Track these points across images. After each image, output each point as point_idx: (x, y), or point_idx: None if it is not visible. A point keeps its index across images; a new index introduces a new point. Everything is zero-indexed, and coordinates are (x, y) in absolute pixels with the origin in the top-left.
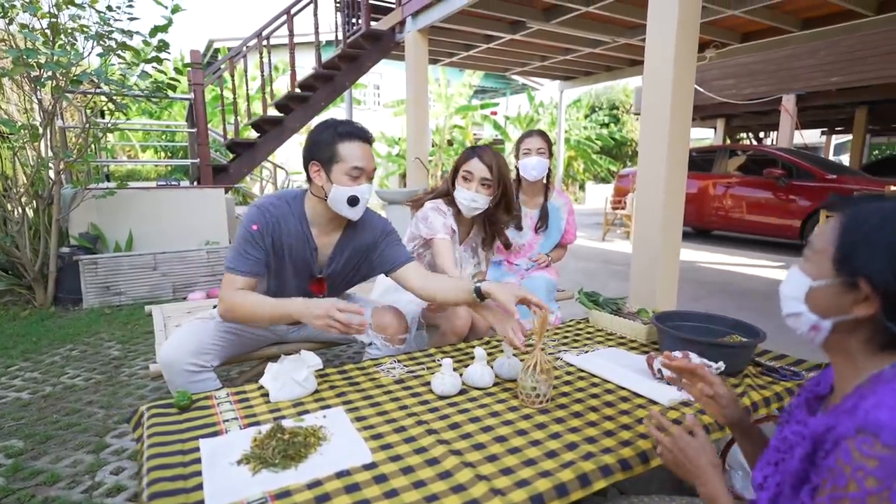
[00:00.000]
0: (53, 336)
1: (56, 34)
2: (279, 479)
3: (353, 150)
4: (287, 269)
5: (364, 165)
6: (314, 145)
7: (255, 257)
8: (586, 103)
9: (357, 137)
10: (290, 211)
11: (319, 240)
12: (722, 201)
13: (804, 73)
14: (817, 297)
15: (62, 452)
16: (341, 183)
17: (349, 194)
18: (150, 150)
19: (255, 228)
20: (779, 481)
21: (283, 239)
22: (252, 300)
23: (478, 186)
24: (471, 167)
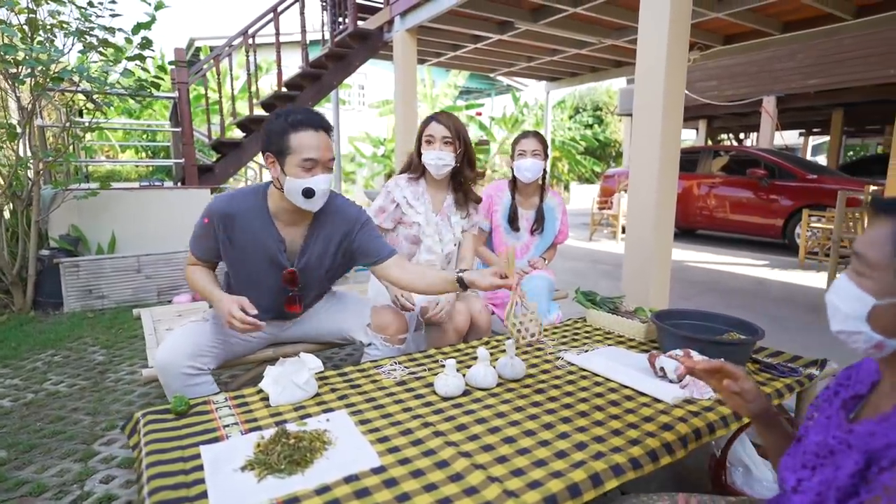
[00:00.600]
0: (34, 341)
1: (34, 30)
2: (286, 485)
3: (305, 140)
4: (253, 262)
5: (318, 156)
6: (267, 136)
7: (204, 246)
8: (570, 104)
9: (310, 126)
10: (253, 205)
11: (286, 232)
12: (706, 201)
13: (784, 75)
14: (884, 316)
15: (48, 461)
16: (295, 175)
17: (304, 186)
18: (131, 150)
19: (206, 222)
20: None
21: (240, 234)
22: (195, 277)
23: (441, 146)
24: (431, 130)
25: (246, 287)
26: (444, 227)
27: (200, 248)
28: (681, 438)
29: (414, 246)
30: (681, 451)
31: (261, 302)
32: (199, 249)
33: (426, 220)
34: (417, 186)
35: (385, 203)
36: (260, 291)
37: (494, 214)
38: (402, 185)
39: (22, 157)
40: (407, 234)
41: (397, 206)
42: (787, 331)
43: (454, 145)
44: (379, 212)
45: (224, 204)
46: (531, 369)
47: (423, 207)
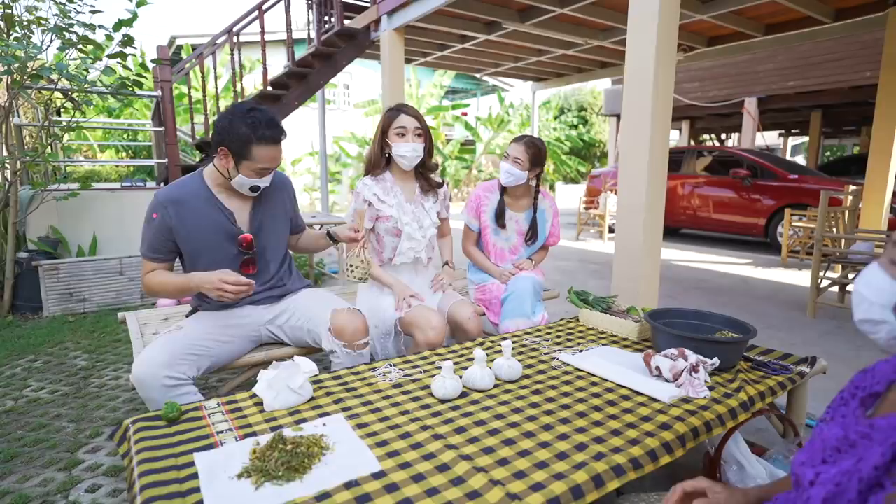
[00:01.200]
0: (12, 347)
1: (10, 26)
2: (284, 492)
3: (265, 153)
4: (208, 241)
5: (270, 165)
6: (228, 134)
7: (157, 244)
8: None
9: (272, 140)
10: (194, 188)
11: (230, 204)
12: (690, 200)
13: (765, 76)
14: None
15: (30, 471)
16: (248, 175)
17: (252, 184)
18: (111, 150)
19: (155, 217)
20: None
21: (190, 217)
22: (161, 279)
23: (413, 137)
24: (402, 122)
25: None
26: (420, 214)
27: (155, 248)
28: (679, 437)
29: (395, 238)
30: (679, 450)
31: None
32: (154, 250)
33: (400, 211)
34: (385, 182)
35: (358, 205)
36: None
37: (483, 214)
38: (369, 184)
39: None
40: (387, 228)
41: (370, 205)
42: (772, 328)
43: (423, 135)
44: (355, 214)
45: (168, 192)
46: (527, 370)
47: (395, 200)
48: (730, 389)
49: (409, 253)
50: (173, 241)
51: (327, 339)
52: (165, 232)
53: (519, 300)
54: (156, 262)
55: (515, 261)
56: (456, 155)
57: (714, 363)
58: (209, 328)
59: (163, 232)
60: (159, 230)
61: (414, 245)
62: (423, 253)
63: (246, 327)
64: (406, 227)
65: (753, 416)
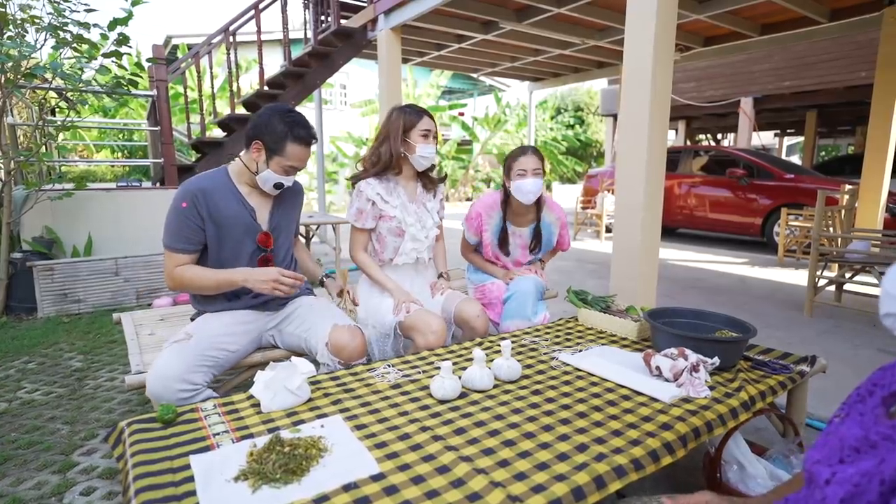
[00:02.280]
0: (6, 348)
1: (4, 25)
2: (282, 495)
3: (298, 153)
4: (231, 234)
5: (299, 166)
6: (265, 129)
7: (188, 234)
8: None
9: (306, 142)
10: (217, 184)
11: (252, 200)
12: (686, 200)
13: (760, 76)
14: None
15: (24, 474)
16: (276, 171)
17: (277, 181)
18: (106, 150)
19: (185, 206)
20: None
21: (216, 209)
22: (196, 273)
23: (433, 140)
24: (427, 126)
25: (227, 263)
26: (423, 214)
27: (183, 237)
28: (680, 438)
29: (398, 238)
30: (681, 450)
31: None
32: (183, 240)
33: (404, 211)
34: (388, 182)
35: (361, 204)
36: (239, 262)
37: (484, 233)
38: (372, 183)
39: None
40: (390, 228)
41: (374, 205)
42: (770, 327)
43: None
44: (358, 214)
45: (196, 181)
46: (527, 370)
47: (398, 201)
48: (730, 389)
49: (412, 253)
50: (201, 232)
51: (323, 354)
52: (196, 219)
53: (521, 301)
54: (183, 254)
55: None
56: (453, 155)
57: (714, 363)
58: (218, 337)
59: (194, 219)
60: (189, 218)
61: (417, 245)
62: (425, 253)
63: (251, 333)
64: (410, 228)
65: (754, 416)
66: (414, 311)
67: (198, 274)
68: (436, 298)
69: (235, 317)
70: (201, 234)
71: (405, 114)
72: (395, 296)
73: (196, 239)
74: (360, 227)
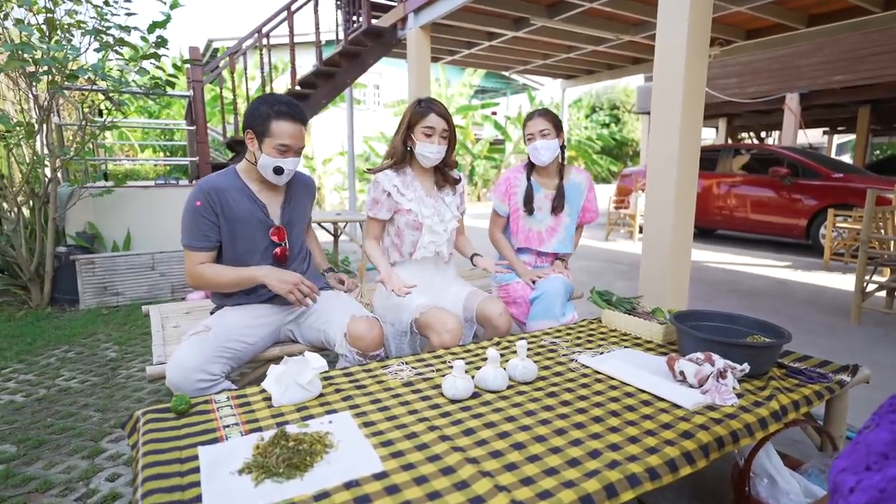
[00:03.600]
0: (49, 337)
1: (52, 30)
2: (283, 489)
3: (283, 129)
4: (244, 231)
5: (291, 143)
6: (252, 116)
7: (205, 231)
8: (587, 103)
9: (289, 117)
10: (229, 183)
11: (262, 196)
12: (726, 200)
13: (808, 71)
14: None
15: (56, 458)
16: (270, 154)
17: (275, 164)
18: (149, 150)
19: (199, 204)
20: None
21: (229, 207)
22: (217, 270)
23: (439, 139)
24: (431, 123)
25: (242, 258)
26: (441, 208)
27: (201, 235)
28: (702, 447)
29: (416, 231)
30: (702, 461)
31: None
32: (200, 238)
33: (421, 205)
34: (405, 175)
35: (377, 195)
36: (254, 256)
37: (513, 197)
38: (389, 174)
39: (39, 154)
40: (407, 221)
41: (389, 196)
42: (811, 334)
43: (448, 136)
44: (373, 204)
45: (208, 180)
46: (544, 371)
47: (414, 194)
48: (760, 397)
49: (430, 247)
50: (217, 229)
51: (341, 345)
52: (211, 216)
53: (549, 302)
54: (202, 252)
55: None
56: (485, 154)
57: (744, 369)
58: (236, 330)
59: (209, 216)
60: (205, 215)
61: (435, 239)
62: (445, 247)
63: (269, 326)
64: (427, 221)
65: (787, 427)
66: (430, 308)
67: (218, 271)
68: (457, 296)
69: (254, 311)
70: (217, 231)
71: (416, 107)
72: (387, 282)
73: (213, 236)
74: (374, 217)
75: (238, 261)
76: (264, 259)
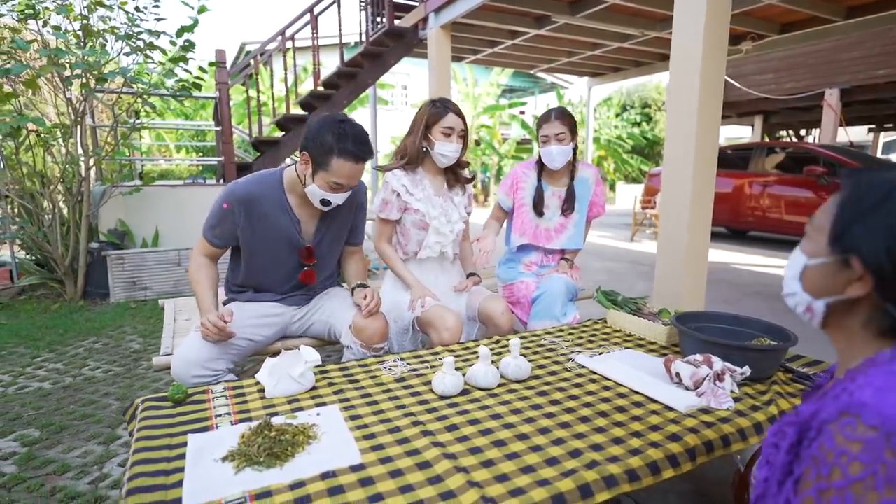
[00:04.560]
0: (79, 328)
1: (88, 36)
2: (262, 478)
3: (343, 168)
4: (271, 245)
5: (346, 183)
6: (314, 141)
7: (220, 231)
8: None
9: (353, 157)
10: (270, 189)
11: (300, 212)
12: (759, 201)
13: (849, 65)
14: (811, 276)
15: (75, 443)
16: (321, 187)
17: (323, 197)
18: (184, 150)
19: (226, 206)
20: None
21: (259, 218)
22: (197, 276)
23: (457, 138)
24: (450, 123)
25: (263, 270)
26: (449, 208)
27: (216, 233)
28: (689, 450)
29: (422, 231)
30: (687, 464)
31: (277, 281)
32: (215, 235)
33: (428, 204)
34: (415, 175)
35: (387, 195)
36: (276, 272)
37: (518, 192)
38: (398, 174)
39: (73, 154)
40: (414, 221)
41: (399, 196)
42: None
43: (464, 135)
44: (384, 205)
45: (245, 187)
46: (539, 370)
47: (423, 193)
48: (759, 402)
49: (435, 247)
50: (233, 236)
51: (346, 336)
52: (230, 224)
53: (549, 301)
54: (211, 245)
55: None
56: (512, 154)
57: (744, 372)
58: (243, 329)
59: (228, 222)
60: (226, 219)
61: (441, 239)
62: (450, 248)
63: (276, 326)
64: (434, 222)
65: None
66: (430, 306)
67: (197, 276)
68: (460, 295)
69: (263, 308)
70: (234, 237)
71: (432, 108)
72: (414, 291)
73: (227, 238)
74: (384, 218)
75: (254, 272)
76: (291, 278)
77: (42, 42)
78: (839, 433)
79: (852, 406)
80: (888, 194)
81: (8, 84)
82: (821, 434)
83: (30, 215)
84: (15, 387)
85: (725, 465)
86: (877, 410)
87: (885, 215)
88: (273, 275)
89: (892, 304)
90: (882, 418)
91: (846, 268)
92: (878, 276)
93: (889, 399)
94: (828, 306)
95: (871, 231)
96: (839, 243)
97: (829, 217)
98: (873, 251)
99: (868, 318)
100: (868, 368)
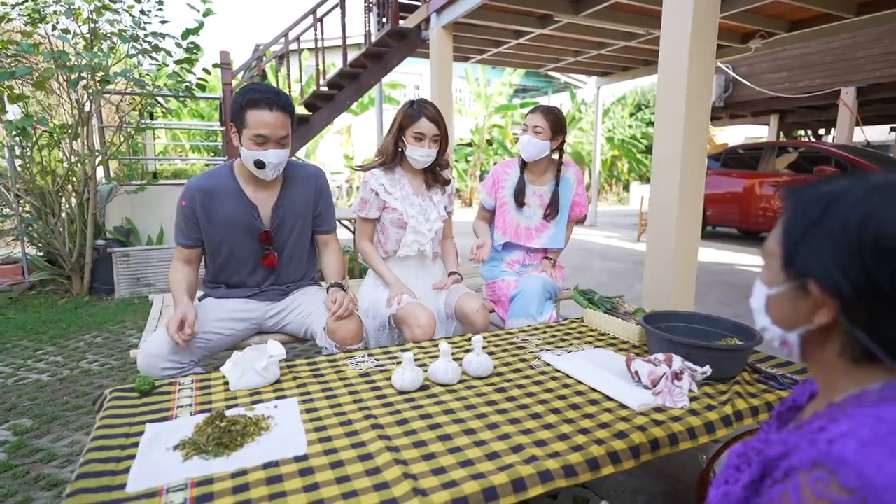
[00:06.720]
0: (83, 323)
1: (96, 39)
2: (208, 466)
3: (258, 118)
4: (231, 234)
5: (268, 133)
6: (231, 108)
7: (186, 230)
8: (631, 101)
9: (264, 105)
10: (224, 179)
11: (256, 197)
12: (769, 201)
13: (866, 63)
14: (775, 307)
15: (64, 433)
16: (248, 147)
17: (255, 158)
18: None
19: (185, 204)
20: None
21: (216, 208)
22: (172, 277)
23: (429, 143)
24: (421, 129)
25: (227, 260)
26: (428, 207)
27: (184, 235)
28: (632, 448)
29: (401, 230)
30: (629, 461)
31: (245, 272)
32: (184, 237)
33: (406, 203)
34: (394, 174)
35: (365, 194)
36: (240, 261)
37: (500, 191)
38: (377, 174)
39: (80, 154)
40: (392, 219)
41: (377, 195)
42: None
43: (439, 139)
44: (363, 203)
45: (198, 182)
46: (503, 367)
47: (401, 192)
48: (716, 402)
49: (413, 245)
50: (199, 230)
51: (321, 338)
52: (192, 219)
53: (525, 300)
54: (185, 249)
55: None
56: None
57: (705, 372)
58: (213, 322)
59: (191, 218)
60: (187, 217)
61: (419, 238)
62: (429, 246)
63: (248, 322)
64: (411, 220)
65: (751, 434)
66: (405, 303)
67: (174, 277)
68: (439, 293)
69: (236, 304)
70: (198, 232)
71: (408, 109)
72: (392, 288)
73: (193, 235)
74: (364, 217)
75: (221, 267)
76: (256, 264)
77: (50, 45)
78: (807, 487)
79: (829, 459)
80: (826, 208)
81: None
82: (786, 479)
83: (39, 213)
84: (14, 378)
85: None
86: (857, 471)
87: (828, 231)
88: (238, 265)
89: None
90: (862, 481)
91: (806, 294)
92: (840, 299)
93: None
94: (801, 338)
95: (817, 250)
96: (791, 268)
97: (777, 241)
98: (825, 271)
99: (843, 347)
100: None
